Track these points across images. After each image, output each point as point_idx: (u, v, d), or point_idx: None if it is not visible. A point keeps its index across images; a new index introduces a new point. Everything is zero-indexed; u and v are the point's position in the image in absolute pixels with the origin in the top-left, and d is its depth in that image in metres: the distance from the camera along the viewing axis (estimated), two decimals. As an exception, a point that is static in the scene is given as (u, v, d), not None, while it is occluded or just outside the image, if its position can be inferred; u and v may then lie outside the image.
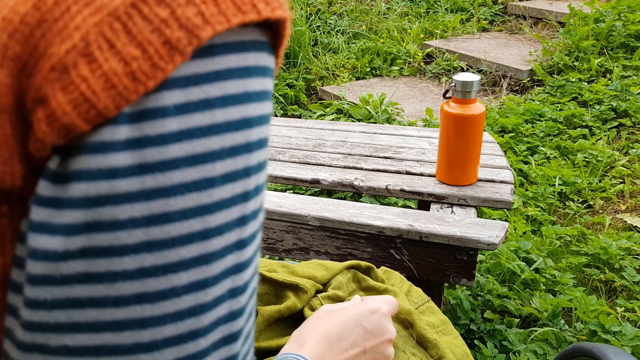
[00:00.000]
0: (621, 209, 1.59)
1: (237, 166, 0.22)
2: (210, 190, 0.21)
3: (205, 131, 0.20)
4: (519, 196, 1.59)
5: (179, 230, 0.20)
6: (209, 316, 0.22)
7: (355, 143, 1.22)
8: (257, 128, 0.22)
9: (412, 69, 2.70)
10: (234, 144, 0.21)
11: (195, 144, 0.20)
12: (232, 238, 0.22)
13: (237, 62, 0.21)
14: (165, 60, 0.19)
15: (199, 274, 0.21)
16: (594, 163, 1.76)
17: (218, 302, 0.22)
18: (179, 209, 0.20)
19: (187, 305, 0.21)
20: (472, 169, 1.01)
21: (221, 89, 0.21)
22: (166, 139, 0.20)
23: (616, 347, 0.68)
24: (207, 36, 0.20)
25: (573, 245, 1.43)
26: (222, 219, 0.21)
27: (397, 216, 0.92)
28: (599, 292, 1.30)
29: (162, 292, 0.21)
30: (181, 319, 0.21)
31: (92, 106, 0.19)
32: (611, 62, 2.36)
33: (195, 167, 0.20)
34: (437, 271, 0.91)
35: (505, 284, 1.29)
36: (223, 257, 0.22)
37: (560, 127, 1.97)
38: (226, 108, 0.21)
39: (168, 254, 0.20)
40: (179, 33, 0.20)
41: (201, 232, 0.21)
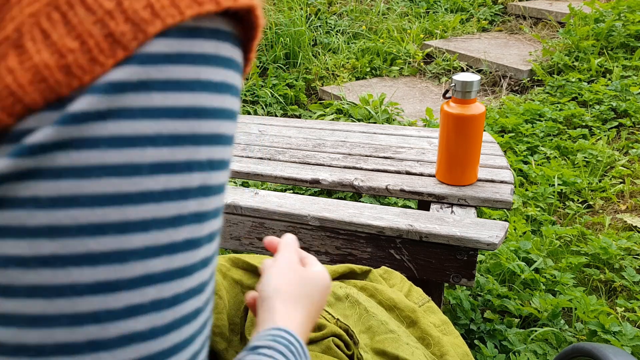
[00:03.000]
0: (621, 209, 1.59)
1: (176, 158, 0.19)
2: (135, 178, 0.19)
3: (137, 113, 0.19)
4: (519, 196, 1.59)
5: (88, 218, 0.18)
6: (118, 327, 0.19)
7: (355, 143, 1.22)
8: (210, 121, 0.20)
9: (412, 69, 2.70)
10: (174, 133, 0.19)
11: (122, 125, 0.18)
12: (162, 239, 0.19)
13: (191, 48, 0.20)
14: (105, 54, 0.18)
15: (109, 273, 0.18)
16: (594, 163, 1.76)
17: (133, 313, 0.19)
18: (92, 193, 0.18)
19: (89, 308, 0.18)
20: (472, 169, 1.01)
21: (162, 72, 0.19)
22: (89, 116, 0.18)
23: (616, 347, 0.68)
24: (155, 31, 0.19)
25: (573, 245, 1.43)
26: (147, 214, 0.19)
27: (397, 216, 0.92)
28: (599, 292, 1.30)
29: (58, 287, 0.18)
30: (79, 324, 0.18)
31: (18, 100, 0.18)
32: (611, 62, 2.36)
33: (119, 149, 0.18)
34: (437, 271, 0.91)
35: (505, 284, 1.29)
36: (145, 259, 0.19)
37: (560, 127, 1.97)
38: (167, 93, 0.19)
39: (72, 244, 0.18)
40: (124, 27, 0.18)
41: (117, 224, 0.18)
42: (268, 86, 2.45)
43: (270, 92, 2.40)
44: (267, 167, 1.12)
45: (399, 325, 0.55)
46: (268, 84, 2.46)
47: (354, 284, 0.60)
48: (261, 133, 1.31)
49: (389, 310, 0.56)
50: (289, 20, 2.76)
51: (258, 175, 1.11)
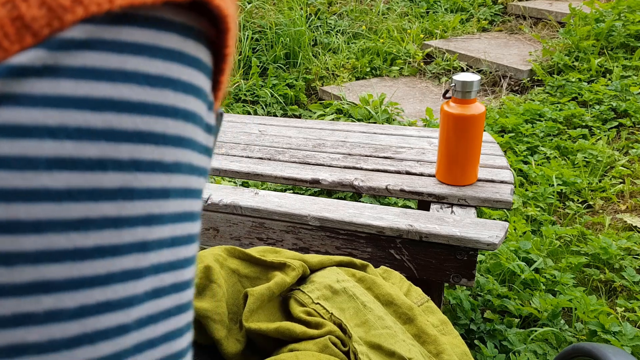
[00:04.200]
0: (621, 209, 1.59)
1: (84, 154, 0.17)
2: (28, 172, 0.17)
3: (38, 101, 0.17)
4: (519, 196, 1.59)
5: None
6: (3, 335, 0.17)
7: (355, 143, 1.23)
8: (135, 116, 0.18)
9: (412, 69, 2.70)
10: (83, 126, 0.17)
11: (17, 112, 0.16)
12: (61, 243, 0.17)
13: (117, 35, 0.17)
14: (10, 39, 0.16)
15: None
16: (594, 163, 1.76)
17: (24, 322, 0.17)
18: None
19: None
20: (472, 169, 1.01)
21: (77, 58, 0.17)
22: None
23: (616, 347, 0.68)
24: (73, 19, 0.17)
25: (573, 245, 1.43)
26: (40, 213, 0.17)
27: (397, 216, 0.92)
28: (599, 292, 1.30)
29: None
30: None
31: None
32: (611, 62, 2.36)
33: (11, 139, 0.16)
34: (437, 271, 0.91)
35: (505, 284, 1.29)
36: (36, 263, 0.17)
37: (560, 127, 1.97)
38: (79, 81, 0.17)
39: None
40: (37, 11, 0.16)
41: (4, 223, 0.17)
42: (268, 86, 2.45)
43: (270, 92, 2.40)
44: (267, 167, 1.12)
45: (395, 322, 0.55)
46: (268, 84, 2.46)
47: (352, 274, 0.60)
48: (261, 133, 1.31)
49: (385, 306, 0.56)
50: (289, 20, 2.76)
51: (258, 175, 1.11)
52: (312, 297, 0.55)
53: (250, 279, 0.58)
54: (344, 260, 0.62)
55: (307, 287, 0.57)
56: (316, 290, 0.56)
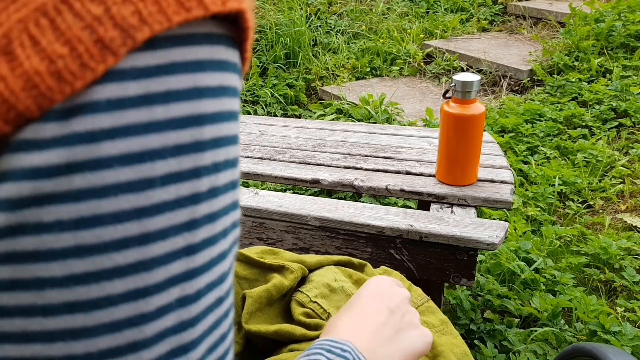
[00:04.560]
0: (621, 209, 1.59)
1: (183, 166, 0.20)
2: (149, 191, 0.19)
3: (142, 128, 0.19)
4: (519, 196, 1.59)
5: (112, 235, 0.19)
6: (152, 327, 0.20)
7: (355, 143, 1.23)
8: (210, 126, 0.21)
9: (412, 69, 2.70)
10: (179, 143, 0.20)
11: (130, 142, 0.19)
12: (179, 243, 0.20)
13: (184, 56, 0.20)
14: (96, 60, 0.18)
15: (137, 282, 0.20)
16: (594, 163, 1.76)
17: (163, 312, 0.20)
18: (111, 211, 0.19)
19: (125, 315, 0.20)
20: (472, 169, 1.01)
21: (163, 84, 0.19)
22: (97, 136, 0.18)
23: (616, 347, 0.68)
24: (143, 37, 0.19)
25: (573, 245, 1.43)
26: (164, 223, 0.20)
27: (397, 216, 0.92)
28: (599, 292, 1.30)
29: (95, 301, 0.19)
30: (118, 330, 0.20)
31: (11, 107, 0.18)
32: (611, 62, 2.36)
33: (131, 166, 0.19)
34: (437, 271, 0.91)
35: (505, 284, 1.29)
36: (167, 263, 0.20)
37: (560, 127, 1.97)
38: (169, 104, 0.20)
39: (100, 260, 0.19)
40: (112, 32, 0.18)
41: (138, 237, 0.19)
42: (268, 86, 2.45)
43: (270, 92, 2.40)
44: (267, 167, 1.12)
45: None
46: (268, 84, 2.46)
47: (349, 275, 0.60)
48: (261, 133, 1.31)
49: None
50: (289, 20, 2.76)
51: (258, 175, 1.11)
52: (310, 296, 0.55)
53: (248, 280, 0.58)
54: (343, 259, 0.62)
55: (306, 286, 0.57)
56: (314, 288, 0.56)
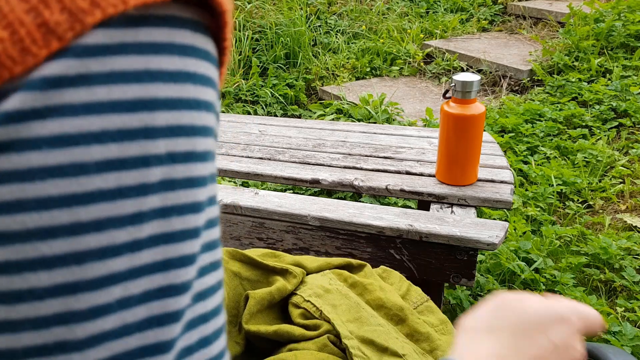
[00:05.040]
0: (621, 209, 1.59)
1: (127, 153, 0.18)
2: (82, 177, 0.18)
3: (79, 109, 0.18)
4: (519, 196, 1.59)
5: (36, 222, 0.17)
6: (85, 328, 0.18)
7: (355, 143, 1.23)
8: (165, 112, 0.19)
9: (412, 69, 2.70)
10: (123, 127, 0.18)
11: (63, 123, 0.17)
12: (121, 237, 0.18)
13: (136, 37, 0.18)
14: (38, 44, 0.17)
15: (66, 276, 0.18)
16: (594, 163, 1.76)
17: (100, 313, 0.18)
18: (37, 196, 0.17)
19: (52, 311, 0.18)
20: (472, 169, 1.01)
21: (107, 64, 0.18)
22: (26, 115, 0.17)
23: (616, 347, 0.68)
24: (94, 21, 0.17)
25: (573, 245, 1.43)
26: (100, 213, 0.18)
27: (397, 216, 0.92)
28: (599, 292, 1.30)
29: (17, 293, 0.18)
30: (46, 327, 0.18)
31: None
32: (611, 62, 2.36)
33: (62, 149, 0.17)
34: (437, 271, 0.91)
35: (505, 284, 1.29)
36: (104, 258, 0.18)
37: (560, 127, 1.97)
38: (111, 85, 0.18)
39: (23, 249, 0.17)
40: (59, 16, 0.17)
41: (68, 226, 0.18)
42: (268, 86, 2.45)
43: (270, 92, 2.40)
44: (267, 167, 1.12)
45: (387, 322, 0.55)
46: (268, 84, 2.46)
47: (344, 279, 0.60)
48: (261, 133, 1.31)
49: (376, 309, 0.57)
50: (289, 20, 2.76)
51: (258, 175, 1.11)
52: (304, 296, 0.55)
53: (251, 282, 0.58)
54: (342, 263, 0.62)
55: (300, 287, 0.57)
56: (308, 289, 0.56)
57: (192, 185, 0.20)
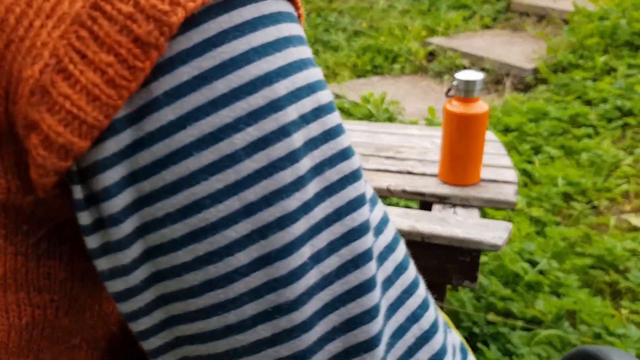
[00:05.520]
0: (626, 209, 1.57)
1: (266, 130, 0.19)
2: (236, 166, 0.19)
3: (208, 108, 0.19)
4: (523, 197, 1.57)
5: (216, 215, 0.19)
6: (293, 289, 0.20)
7: (356, 142, 1.21)
8: (282, 81, 0.20)
9: (414, 67, 2.69)
10: (251, 109, 0.19)
11: (200, 126, 0.19)
12: (293, 204, 0.20)
13: (229, 22, 0.19)
14: (140, 59, 0.18)
15: (259, 250, 0.20)
16: (599, 163, 1.74)
17: (300, 273, 0.20)
18: (207, 194, 0.19)
19: (260, 282, 0.20)
20: (475, 169, 0.99)
21: (215, 57, 0.19)
22: (168, 130, 0.19)
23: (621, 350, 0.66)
24: (178, 21, 0.18)
25: (578, 246, 1.41)
26: (264, 190, 0.19)
27: (399, 217, 0.91)
28: (603, 294, 1.28)
29: (226, 276, 0.20)
30: (260, 297, 0.20)
31: (83, 122, 0.18)
32: (616, 61, 2.34)
33: (209, 148, 0.19)
34: (440, 273, 0.89)
35: (509, 285, 1.28)
36: (284, 227, 0.20)
37: (565, 127, 1.95)
38: (227, 76, 0.19)
39: (216, 239, 0.20)
40: (147, 26, 0.18)
41: (243, 210, 0.19)
42: (269, 84, 2.43)
43: (271, 91, 2.39)
44: (266, 166, 1.10)
45: None
46: (269, 82, 2.45)
47: None
48: (261, 132, 1.30)
49: None
50: (290, 18, 2.74)
51: (257, 174, 1.09)
52: None
53: None
54: None
55: None
56: None
57: (332, 136, 0.21)
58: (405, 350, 0.22)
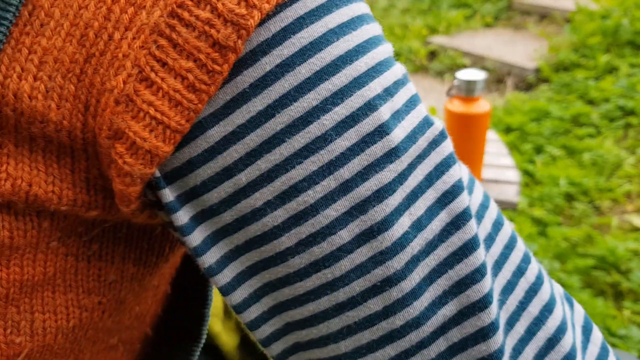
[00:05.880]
0: (628, 210, 1.56)
1: (353, 107, 0.20)
2: (329, 146, 0.19)
3: (293, 95, 0.19)
4: (525, 197, 1.57)
5: (315, 196, 0.20)
6: (400, 259, 0.20)
7: (357, 142, 1.20)
8: (362, 58, 0.20)
9: (415, 66, 2.68)
10: (336, 89, 0.20)
11: (289, 112, 0.19)
12: (387, 177, 0.20)
13: (305, 8, 0.20)
14: (219, 62, 0.19)
15: (361, 225, 0.20)
16: (601, 163, 1.73)
17: (404, 242, 0.20)
18: (303, 177, 0.20)
19: (365, 257, 0.20)
20: (477, 169, 0.99)
21: (294, 44, 0.19)
22: (258, 120, 0.19)
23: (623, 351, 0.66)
24: (255, 23, 0.19)
25: (579, 247, 1.40)
26: (357, 167, 0.20)
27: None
28: (605, 295, 1.27)
29: (332, 255, 0.20)
30: (367, 272, 0.20)
31: (167, 126, 0.19)
32: (618, 60, 2.32)
33: (301, 133, 0.19)
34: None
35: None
36: (382, 199, 0.20)
37: (567, 126, 1.94)
38: (309, 59, 0.19)
39: (317, 220, 0.20)
40: (225, 30, 0.19)
41: (339, 188, 0.20)
42: (269, 83, 2.43)
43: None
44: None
45: None
46: (269, 81, 2.45)
47: None
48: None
49: None
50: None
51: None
52: None
53: None
54: None
55: None
56: None
57: (415, 104, 0.22)
58: (517, 305, 0.22)
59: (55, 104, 0.19)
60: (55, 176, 0.21)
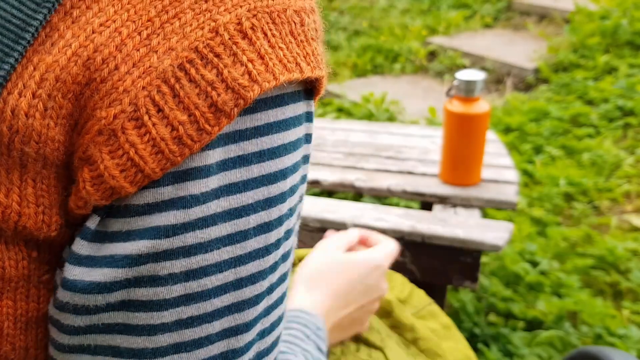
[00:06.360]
0: (627, 209, 1.57)
1: (271, 217, 0.22)
2: (244, 242, 0.21)
3: (241, 186, 0.21)
4: (524, 197, 1.57)
5: (214, 283, 0.21)
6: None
7: (356, 142, 1.21)
8: (291, 177, 0.23)
9: (415, 67, 2.68)
10: (269, 196, 0.22)
11: (231, 200, 0.21)
12: (265, 285, 0.22)
13: (276, 117, 0.22)
14: (211, 123, 0.20)
15: (231, 322, 0.22)
16: (600, 163, 1.74)
17: (250, 346, 0.23)
18: (214, 262, 0.21)
19: (219, 351, 0.22)
20: (476, 169, 0.99)
21: (258, 144, 0.21)
22: (207, 196, 0.20)
23: (622, 351, 0.66)
24: (253, 96, 0.20)
25: (579, 247, 1.41)
26: (254, 269, 0.22)
27: (399, 217, 0.90)
28: (604, 295, 1.27)
29: (197, 341, 0.22)
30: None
31: (140, 170, 0.20)
32: (617, 60, 2.33)
33: (231, 222, 0.21)
34: (440, 274, 0.89)
35: (510, 286, 1.27)
36: (256, 304, 0.22)
37: (566, 126, 1.95)
38: (262, 163, 0.21)
39: (204, 305, 0.21)
40: (225, 95, 0.20)
41: (234, 283, 0.21)
42: (269, 84, 2.43)
43: (271, 90, 2.39)
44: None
45: (374, 317, 0.54)
46: (269, 82, 2.44)
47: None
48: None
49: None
50: (291, 18, 2.74)
51: (257, 174, 1.09)
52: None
53: None
54: None
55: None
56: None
57: (293, 234, 0.26)
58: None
59: (54, 122, 0.20)
60: (45, 206, 0.21)
